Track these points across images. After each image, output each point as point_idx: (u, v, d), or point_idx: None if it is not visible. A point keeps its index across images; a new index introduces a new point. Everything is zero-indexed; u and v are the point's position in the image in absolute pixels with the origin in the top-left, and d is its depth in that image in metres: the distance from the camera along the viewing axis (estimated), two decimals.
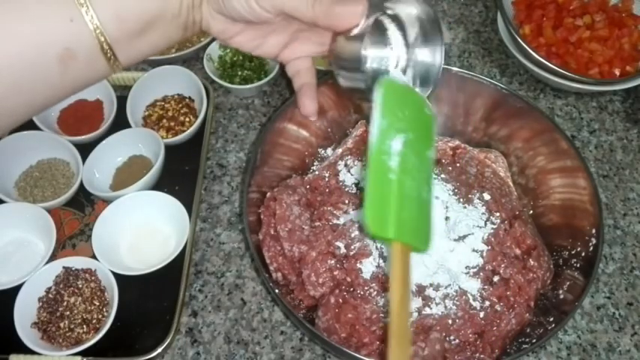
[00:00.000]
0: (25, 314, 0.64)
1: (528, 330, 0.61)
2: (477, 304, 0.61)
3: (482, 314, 0.60)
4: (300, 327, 0.65)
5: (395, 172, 0.45)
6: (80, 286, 0.66)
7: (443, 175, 0.69)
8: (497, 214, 0.66)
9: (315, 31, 0.51)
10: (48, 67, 0.40)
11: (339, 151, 0.73)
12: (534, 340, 0.59)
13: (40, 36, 0.39)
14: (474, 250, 0.63)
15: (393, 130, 0.46)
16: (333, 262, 0.62)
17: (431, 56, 0.55)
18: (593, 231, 0.63)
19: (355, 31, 0.47)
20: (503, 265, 0.62)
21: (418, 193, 0.47)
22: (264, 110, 0.85)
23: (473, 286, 0.62)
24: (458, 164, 0.71)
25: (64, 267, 0.68)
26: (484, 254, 0.63)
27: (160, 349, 0.64)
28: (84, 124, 0.80)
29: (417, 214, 0.47)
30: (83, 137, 0.77)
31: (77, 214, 0.75)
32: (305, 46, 0.54)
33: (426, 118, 0.50)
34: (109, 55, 0.41)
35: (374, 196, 0.44)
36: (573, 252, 0.65)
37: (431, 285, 0.61)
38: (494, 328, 0.60)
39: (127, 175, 0.76)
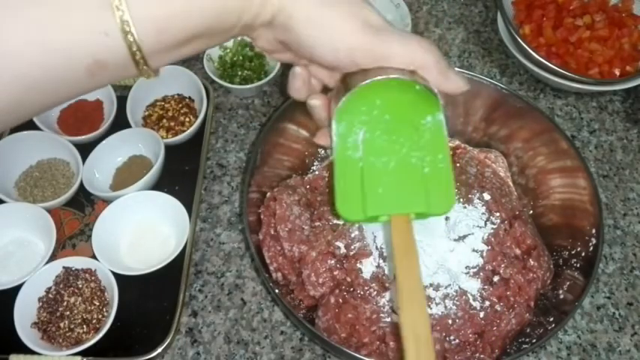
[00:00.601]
0: (25, 314, 0.64)
1: (528, 330, 0.61)
2: (477, 304, 0.61)
3: (482, 314, 0.60)
4: (300, 327, 0.65)
5: (362, 159, 0.46)
6: (80, 286, 0.66)
7: None
8: (497, 214, 0.66)
9: None
10: (74, 76, 0.37)
11: None
12: (534, 340, 0.59)
13: (70, 49, 0.36)
14: (474, 250, 0.63)
15: (356, 126, 0.46)
16: (333, 262, 0.62)
17: None
18: (593, 231, 0.63)
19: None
20: (503, 265, 0.62)
21: (403, 162, 0.47)
22: (264, 110, 0.85)
23: (473, 286, 0.62)
24: (458, 164, 0.71)
25: (64, 267, 0.68)
26: (484, 254, 0.63)
27: (159, 349, 0.64)
28: (84, 124, 0.80)
29: (404, 182, 0.47)
30: (83, 137, 0.77)
31: (77, 214, 0.75)
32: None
33: (412, 94, 0.48)
34: (141, 65, 0.38)
35: (342, 188, 0.46)
36: (573, 252, 0.65)
37: (431, 285, 0.61)
38: (494, 328, 0.60)
39: (127, 175, 0.76)
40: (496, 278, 0.62)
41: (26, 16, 0.34)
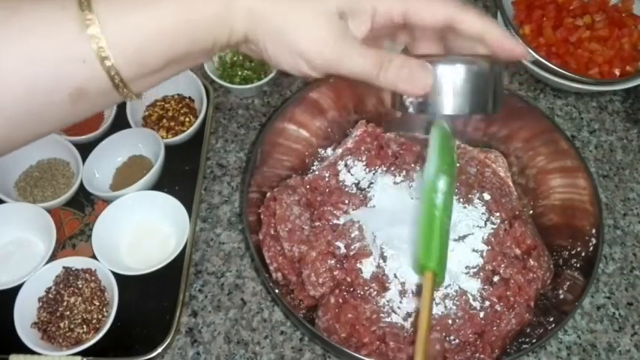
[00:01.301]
0: (25, 314, 0.64)
1: (528, 330, 0.61)
2: (477, 304, 0.61)
3: (482, 314, 0.60)
4: (300, 327, 0.65)
5: (439, 210, 0.50)
6: (80, 286, 0.66)
7: None
8: (497, 214, 0.66)
9: None
10: (58, 106, 0.38)
11: (339, 151, 0.73)
12: (534, 340, 0.59)
13: (52, 79, 0.37)
14: (474, 250, 0.63)
15: (440, 171, 0.50)
16: (333, 262, 0.62)
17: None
18: (593, 231, 0.63)
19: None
20: (503, 265, 0.62)
21: (447, 230, 0.52)
22: (264, 110, 0.85)
23: (473, 286, 0.62)
24: (458, 164, 0.71)
25: (64, 267, 0.68)
26: (484, 254, 0.63)
27: (160, 349, 0.64)
28: (84, 124, 0.79)
29: (446, 249, 0.52)
30: (83, 137, 0.77)
31: (77, 214, 0.75)
32: None
33: (454, 164, 0.54)
34: (122, 90, 0.39)
35: (424, 231, 0.50)
36: (573, 252, 0.65)
37: None
38: (494, 328, 0.60)
39: (127, 175, 0.76)
40: (496, 278, 0.62)
41: (10, 50, 0.36)
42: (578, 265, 0.63)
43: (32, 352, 0.62)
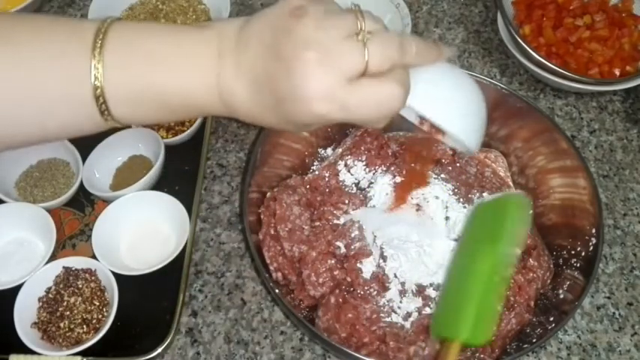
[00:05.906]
0: (25, 314, 0.64)
1: (528, 330, 0.61)
2: None
3: None
4: (300, 327, 0.65)
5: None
6: (80, 286, 0.66)
7: (443, 175, 0.69)
8: None
9: None
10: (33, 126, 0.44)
11: (339, 151, 0.73)
12: (534, 340, 0.59)
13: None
14: None
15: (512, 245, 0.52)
16: (333, 262, 0.62)
17: None
18: (593, 231, 0.63)
19: None
20: None
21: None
22: None
23: None
24: (458, 164, 0.71)
25: (64, 267, 0.68)
26: None
27: (160, 349, 0.64)
28: None
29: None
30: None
31: (77, 214, 0.75)
32: None
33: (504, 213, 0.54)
34: (110, 123, 0.44)
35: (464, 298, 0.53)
36: (573, 252, 0.65)
37: (431, 285, 0.61)
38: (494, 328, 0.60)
39: (127, 175, 0.76)
40: None
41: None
42: (578, 265, 0.63)
43: (32, 352, 0.62)
